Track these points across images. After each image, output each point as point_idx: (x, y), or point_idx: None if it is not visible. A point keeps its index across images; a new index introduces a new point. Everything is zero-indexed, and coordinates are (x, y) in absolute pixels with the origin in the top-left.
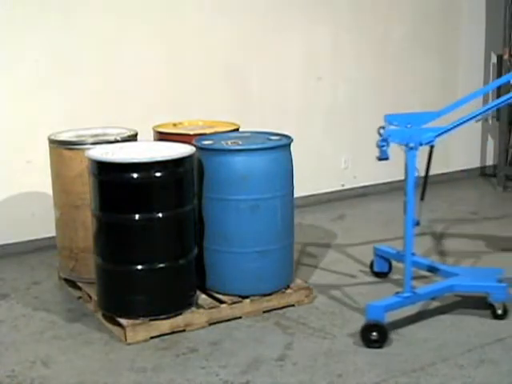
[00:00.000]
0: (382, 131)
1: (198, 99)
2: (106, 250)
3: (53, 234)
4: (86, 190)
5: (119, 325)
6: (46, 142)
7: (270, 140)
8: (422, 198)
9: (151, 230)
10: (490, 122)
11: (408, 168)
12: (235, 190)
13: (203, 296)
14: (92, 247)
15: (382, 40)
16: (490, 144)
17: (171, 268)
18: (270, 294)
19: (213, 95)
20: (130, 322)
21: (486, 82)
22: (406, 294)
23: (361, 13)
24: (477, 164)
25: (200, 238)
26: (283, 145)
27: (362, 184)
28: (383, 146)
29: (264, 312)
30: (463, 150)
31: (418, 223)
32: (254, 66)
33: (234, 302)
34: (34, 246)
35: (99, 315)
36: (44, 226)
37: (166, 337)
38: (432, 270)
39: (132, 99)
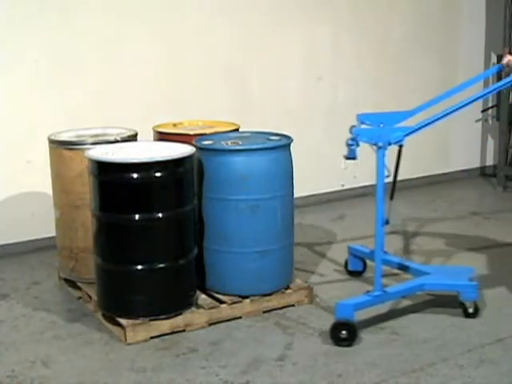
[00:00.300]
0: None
1: (197, 99)
2: (106, 250)
3: (53, 234)
4: (85, 190)
5: (119, 325)
6: (46, 142)
7: (270, 140)
8: (391, 198)
9: (151, 230)
10: (490, 122)
11: (377, 167)
12: (235, 190)
13: (203, 296)
14: (92, 247)
15: (381, 40)
16: (490, 144)
17: (171, 268)
18: (269, 294)
19: (213, 95)
20: (130, 321)
21: (485, 82)
22: (376, 293)
23: (361, 13)
24: (477, 164)
25: (200, 238)
26: (283, 145)
27: (361, 184)
28: (352, 145)
29: (264, 312)
30: (463, 150)
31: (387, 222)
32: (254, 66)
33: (234, 302)
34: (34, 245)
35: (99, 315)
36: (44, 226)
37: (166, 337)
38: (404, 268)
39: (132, 99)
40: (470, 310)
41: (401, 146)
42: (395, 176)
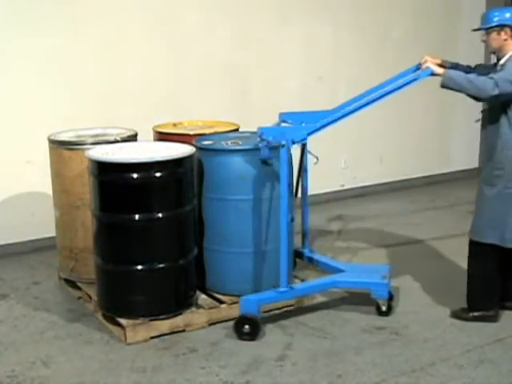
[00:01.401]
0: None
1: (198, 99)
2: (106, 250)
3: (53, 234)
4: (85, 190)
5: (119, 325)
6: (46, 142)
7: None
8: (295, 195)
9: (151, 230)
10: None
11: (281, 166)
12: (235, 190)
13: (203, 296)
14: (92, 247)
15: (382, 39)
16: None
17: (171, 268)
18: None
19: (213, 95)
20: (130, 322)
21: None
22: (282, 289)
23: (361, 12)
24: (477, 164)
25: (200, 238)
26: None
27: (361, 184)
28: (262, 144)
29: (264, 312)
30: (463, 150)
31: (292, 219)
32: (254, 66)
33: (234, 302)
34: (34, 246)
35: (99, 315)
36: (44, 226)
37: (165, 337)
38: (319, 265)
39: (132, 99)
40: (383, 308)
41: (304, 145)
42: (299, 174)
